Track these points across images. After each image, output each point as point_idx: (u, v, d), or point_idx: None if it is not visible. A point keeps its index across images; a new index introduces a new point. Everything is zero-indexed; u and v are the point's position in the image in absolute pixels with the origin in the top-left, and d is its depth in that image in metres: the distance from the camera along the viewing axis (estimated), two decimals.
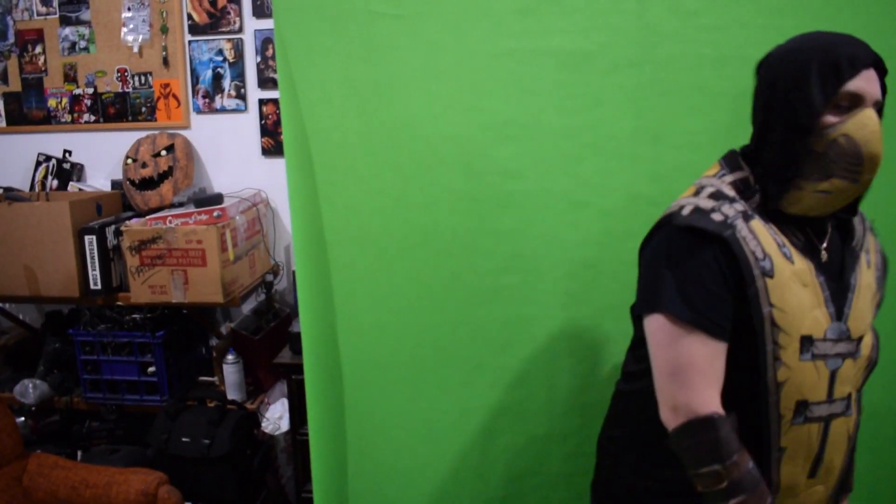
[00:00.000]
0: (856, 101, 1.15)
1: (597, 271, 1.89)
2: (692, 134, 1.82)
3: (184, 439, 2.66)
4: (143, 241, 2.69)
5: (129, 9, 3.12)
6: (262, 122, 3.12)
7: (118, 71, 3.19)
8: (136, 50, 3.15)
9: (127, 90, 3.20)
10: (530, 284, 1.91)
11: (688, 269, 1.19)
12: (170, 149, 3.03)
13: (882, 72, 1.20)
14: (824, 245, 1.25)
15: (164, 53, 3.13)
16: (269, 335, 2.95)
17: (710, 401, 1.16)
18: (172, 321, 2.98)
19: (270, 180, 3.10)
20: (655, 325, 1.22)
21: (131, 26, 3.14)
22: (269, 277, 3.08)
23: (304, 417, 2.18)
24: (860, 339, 1.25)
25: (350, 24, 1.84)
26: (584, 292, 1.91)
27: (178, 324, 3.01)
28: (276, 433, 2.87)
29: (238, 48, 3.08)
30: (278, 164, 2.01)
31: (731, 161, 1.30)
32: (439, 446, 2.03)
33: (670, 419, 1.19)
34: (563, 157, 1.85)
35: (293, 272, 2.02)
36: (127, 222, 2.79)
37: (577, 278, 1.90)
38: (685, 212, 1.22)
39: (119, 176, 3.16)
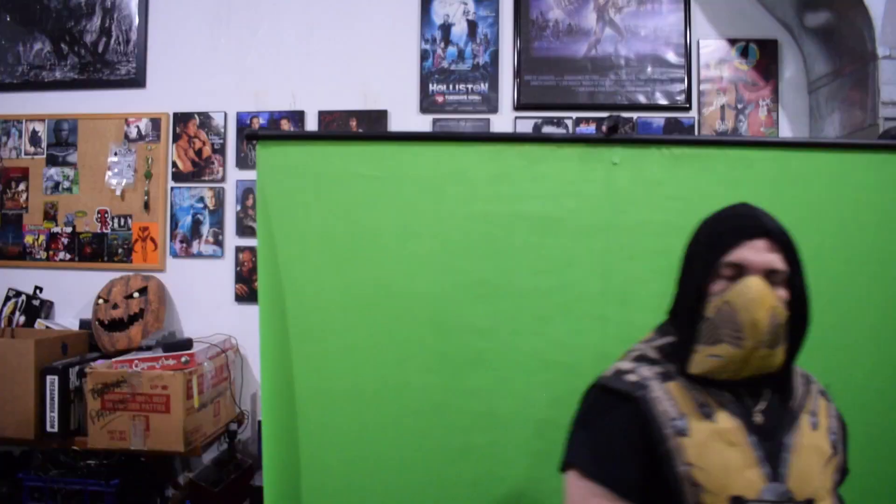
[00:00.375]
0: (739, 270, 1.20)
1: (566, 431, 1.87)
2: (658, 296, 1.85)
3: None
4: (107, 384, 2.64)
5: (115, 153, 3.22)
6: (238, 268, 3.16)
7: (98, 212, 3.24)
8: (118, 193, 3.22)
9: (106, 231, 3.24)
10: (500, 444, 1.89)
11: (598, 427, 1.24)
12: (143, 291, 3.03)
13: (781, 243, 1.23)
14: (758, 407, 1.24)
15: (145, 198, 3.20)
16: (229, 487, 2.84)
17: None
18: (128, 469, 2.85)
19: (242, 326, 3.09)
20: (569, 481, 1.24)
21: (116, 170, 3.23)
22: (234, 426, 3.00)
23: None
24: (808, 502, 1.20)
25: (330, 183, 1.91)
26: (554, 452, 1.88)
27: (135, 472, 2.89)
28: None
29: (219, 196, 3.17)
30: (251, 311, 2.03)
31: (662, 327, 1.37)
32: None
33: None
34: (534, 316, 1.88)
35: (259, 422, 1.97)
36: (92, 364, 2.74)
37: (546, 437, 1.88)
38: (607, 373, 1.28)
39: (88, 315, 3.13)
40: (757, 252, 1.21)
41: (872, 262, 1.96)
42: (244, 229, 3.14)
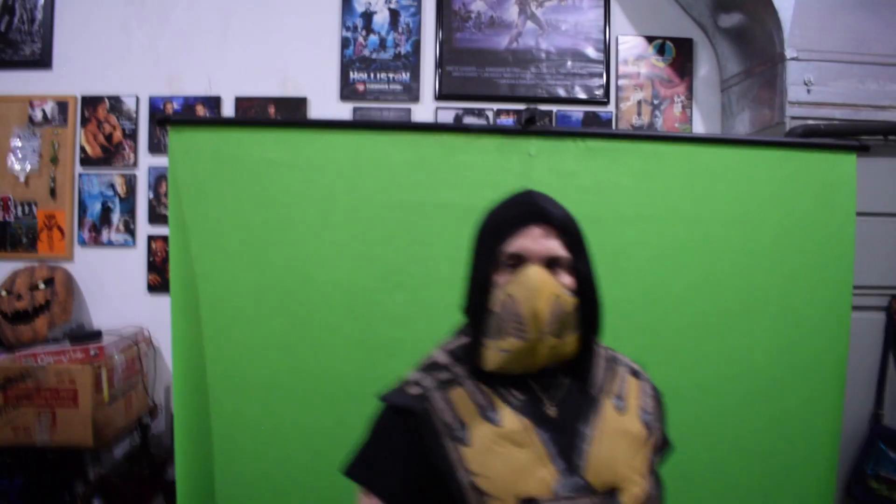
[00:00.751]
0: (518, 260, 1.17)
1: None
2: None
3: None
4: (10, 378, 2.52)
5: (19, 137, 3.07)
6: (151, 258, 3.06)
7: (0, 199, 3.08)
8: (22, 179, 3.07)
9: (8, 219, 3.08)
10: None
11: (376, 439, 1.23)
12: (49, 282, 2.91)
13: (561, 229, 1.19)
14: (552, 400, 1.21)
15: (52, 184, 3.06)
16: (140, 482, 2.76)
17: None
18: (34, 465, 2.74)
19: (155, 318, 3.00)
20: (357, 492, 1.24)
21: (20, 155, 3.07)
22: (146, 419, 2.91)
23: None
24: (612, 490, 1.16)
25: (245, 171, 1.88)
26: None
27: (40, 468, 2.77)
28: None
29: (130, 183, 3.06)
30: (164, 302, 1.97)
31: (461, 328, 1.33)
32: None
33: None
34: (450, 306, 1.86)
35: (172, 414, 1.93)
36: None
37: None
38: (393, 387, 1.26)
39: None
40: (535, 240, 1.17)
41: (774, 254, 2.05)
42: (157, 217, 3.04)
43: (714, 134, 3.19)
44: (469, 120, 3.07)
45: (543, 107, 3.12)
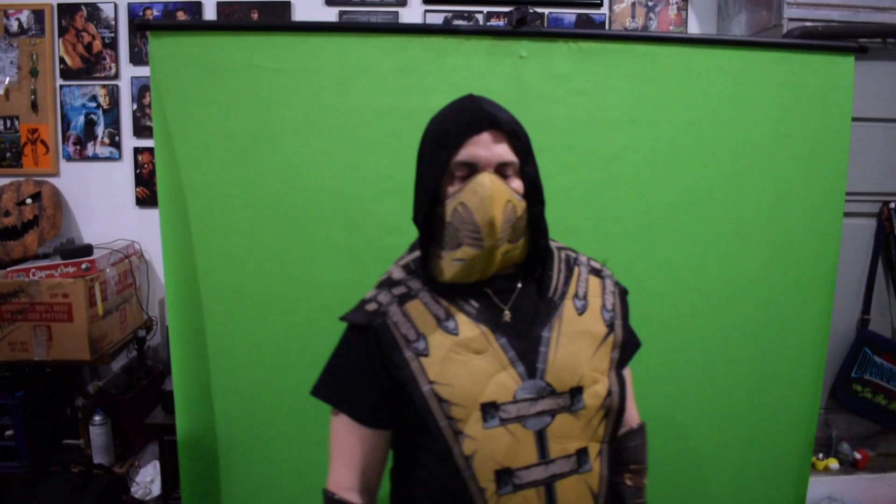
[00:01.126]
0: (471, 169, 1.16)
1: None
2: (564, 191, 1.90)
3: None
4: (3, 294, 2.53)
5: None
6: (138, 171, 3.02)
7: None
8: (1, 92, 2.99)
9: None
10: None
11: (339, 358, 1.27)
12: (36, 197, 2.87)
13: (511, 135, 1.18)
14: (510, 306, 1.23)
15: (32, 97, 2.99)
16: (139, 394, 2.81)
17: (343, 482, 1.23)
18: (33, 380, 2.78)
19: (145, 231, 2.99)
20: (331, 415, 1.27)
21: None
22: (142, 333, 2.94)
23: (177, 481, 2.08)
24: (575, 390, 1.19)
25: (230, 77, 1.82)
26: None
27: (40, 383, 2.81)
28: (147, 498, 2.71)
29: (113, 94, 2.99)
30: (153, 215, 1.96)
31: (415, 242, 1.34)
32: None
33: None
34: None
35: (167, 327, 1.94)
36: None
37: None
38: (353, 308, 1.28)
39: None
40: (485, 146, 1.16)
41: (768, 158, 2.03)
42: (142, 129, 2.99)
43: (710, 34, 3.11)
44: (458, 24, 2.98)
45: (536, 9, 3.03)
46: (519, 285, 1.25)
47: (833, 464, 2.88)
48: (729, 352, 2.08)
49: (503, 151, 1.17)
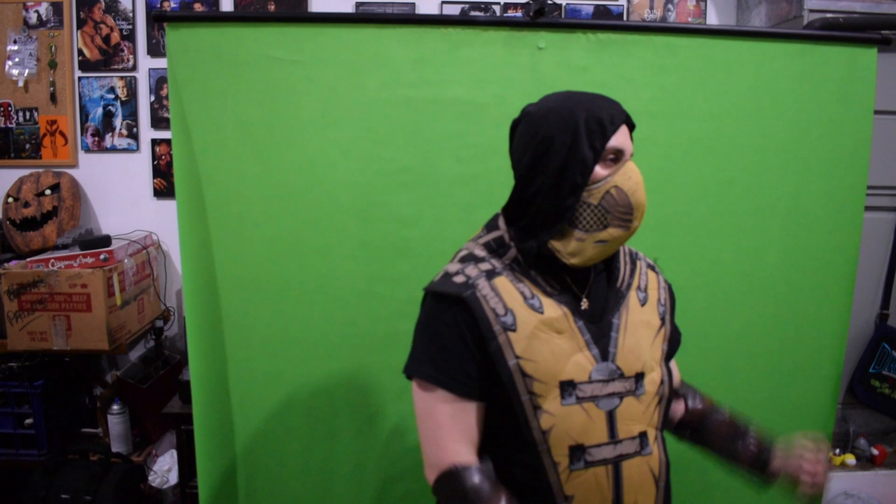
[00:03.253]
0: (619, 155, 1.22)
1: None
2: None
3: (63, 496, 2.49)
4: (23, 284, 2.55)
5: (14, 41, 2.99)
6: (155, 162, 3.04)
7: (0, 105, 3.03)
8: (20, 84, 3.02)
9: (10, 126, 3.05)
10: None
11: (432, 331, 1.25)
12: (55, 188, 2.90)
13: (631, 127, 1.27)
14: (585, 292, 1.28)
15: (51, 89, 3.01)
16: (157, 384, 2.83)
17: (454, 454, 1.22)
18: (53, 370, 2.81)
19: (162, 222, 3.01)
20: (414, 390, 1.27)
21: (17, 59, 3.01)
22: (159, 323, 2.96)
23: (193, 470, 2.09)
24: (639, 375, 1.26)
25: (247, 68, 1.82)
26: None
27: (60, 372, 2.84)
28: (164, 487, 2.73)
29: (131, 86, 3.00)
30: (171, 206, 1.97)
31: (490, 222, 1.34)
32: (335, 496, 1.99)
33: (429, 476, 1.26)
34: (458, 204, 1.88)
35: (185, 318, 1.95)
36: (5, 265, 2.63)
37: None
38: (436, 279, 1.28)
39: None
40: (626, 136, 1.24)
41: (788, 151, 2.01)
42: (160, 121, 3.00)
43: (729, 25, 3.08)
44: (475, 15, 2.97)
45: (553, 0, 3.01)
46: (593, 274, 1.30)
47: (850, 459, 2.85)
48: (747, 346, 2.07)
49: (631, 144, 1.25)
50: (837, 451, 2.88)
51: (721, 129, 1.97)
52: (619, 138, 1.21)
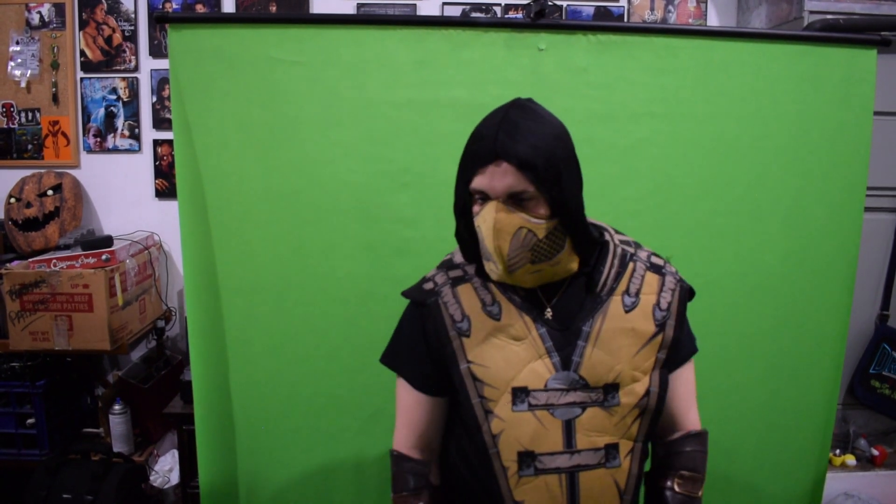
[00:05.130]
0: (485, 196, 1.17)
1: None
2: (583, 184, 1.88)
3: (65, 496, 2.50)
4: (25, 284, 2.55)
5: (17, 42, 3.00)
6: (157, 163, 3.04)
7: (3, 106, 3.05)
8: (23, 85, 3.03)
9: (12, 126, 3.06)
10: None
11: (403, 329, 1.38)
12: (57, 188, 2.91)
13: (524, 159, 1.14)
14: (553, 301, 1.26)
15: (53, 90, 3.02)
16: (158, 384, 2.84)
17: (401, 440, 1.36)
18: (55, 370, 2.81)
19: (164, 223, 3.01)
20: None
21: (19, 60, 3.02)
22: (161, 323, 2.97)
23: (195, 470, 2.09)
24: (609, 386, 1.21)
25: (248, 69, 1.83)
26: None
27: (61, 372, 2.85)
28: (166, 487, 2.74)
29: (133, 87, 3.01)
30: (172, 207, 1.98)
31: None
32: (336, 496, 1.99)
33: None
34: None
35: (186, 318, 1.96)
36: (8, 265, 2.64)
37: None
38: (414, 284, 1.37)
39: (0, 215, 2.99)
40: (494, 177, 1.15)
41: (788, 152, 2.02)
42: (161, 122, 3.01)
43: (729, 27, 3.09)
44: (476, 16, 2.98)
45: (554, 1, 3.01)
46: (567, 280, 1.28)
47: (850, 460, 2.86)
48: (747, 347, 2.07)
49: (513, 182, 1.15)
50: (838, 451, 2.88)
51: (721, 130, 1.98)
52: (479, 180, 1.17)
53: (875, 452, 2.86)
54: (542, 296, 1.26)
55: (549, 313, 1.25)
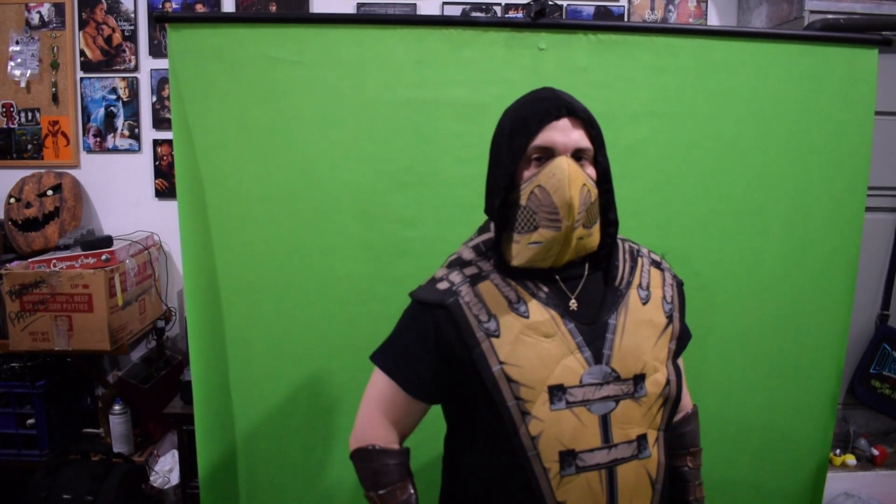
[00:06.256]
0: (548, 153, 1.19)
1: None
2: None
3: (65, 496, 2.50)
4: (25, 285, 2.55)
5: (16, 42, 3.00)
6: (157, 163, 3.04)
7: (3, 106, 3.04)
8: (23, 85, 3.02)
9: (12, 126, 3.05)
10: None
11: (403, 332, 1.32)
12: (57, 188, 2.90)
13: (585, 120, 1.22)
14: (576, 293, 1.26)
15: (53, 90, 3.02)
16: (159, 384, 2.84)
17: (378, 435, 1.32)
18: (54, 370, 2.81)
19: (164, 223, 3.01)
20: (374, 372, 1.35)
21: (19, 60, 3.02)
22: (161, 323, 2.97)
23: (194, 470, 2.09)
24: (638, 377, 1.23)
25: (248, 69, 1.83)
26: None
27: (61, 372, 2.85)
28: (166, 487, 2.74)
29: (133, 87, 3.01)
30: (172, 207, 1.98)
31: (483, 225, 1.37)
32: (335, 496, 1.99)
33: (351, 444, 1.35)
34: (458, 205, 1.88)
35: (186, 318, 1.96)
36: (7, 265, 2.64)
37: None
38: (423, 284, 1.32)
39: (0, 216, 2.99)
40: (562, 132, 1.19)
41: (789, 152, 2.02)
42: (161, 122, 3.01)
43: (730, 26, 3.08)
44: (476, 16, 2.98)
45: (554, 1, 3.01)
46: (586, 273, 1.28)
47: (850, 460, 2.86)
48: (748, 346, 2.07)
49: (579, 137, 1.20)
50: (838, 451, 2.88)
51: (721, 129, 1.98)
52: (546, 136, 1.19)
53: (875, 452, 2.86)
54: (565, 287, 1.26)
55: (574, 305, 1.24)
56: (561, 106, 1.20)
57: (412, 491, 1.31)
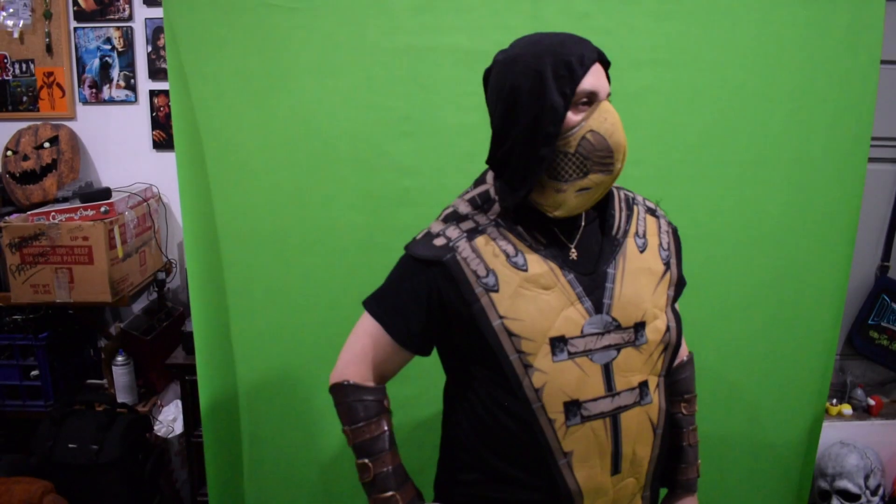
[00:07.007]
0: (593, 98, 1.16)
1: None
2: None
3: (70, 445, 2.53)
4: (25, 237, 2.55)
5: None
6: (154, 114, 3.01)
7: None
8: (16, 35, 2.97)
9: (7, 78, 3.01)
10: None
11: (396, 284, 1.32)
12: (54, 140, 2.88)
13: (606, 64, 1.21)
14: (574, 243, 1.26)
15: (47, 40, 2.97)
16: (160, 335, 2.85)
17: (358, 373, 1.33)
18: (57, 322, 2.83)
19: (162, 174, 2.99)
20: (362, 316, 1.35)
21: (11, 10, 2.96)
22: (161, 275, 2.97)
23: (198, 419, 2.12)
24: (638, 325, 1.23)
25: (244, 16, 1.80)
26: None
27: (64, 325, 2.86)
28: (170, 436, 2.77)
29: (128, 37, 2.96)
30: (170, 158, 1.95)
31: (479, 177, 1.34)
32: (336, 446, 2.02)
33: (331, 379, 1.37)
34: (459, 153, 1.86)
35: (186, 269, 1.96)
36: (6, 218, 2.63)
37: None
38: (418, 237, 1.31)
39: None
40: (599, 77, 1.17)
41: (793, 100, 1.99)
42: (157, 72, 2.96)
43: None
44: None
45: None
46: (583, 223, 1.28)
47: (846, 409, 2.89)
48: (746, 295, 2.07)
49: (607, 83, 1.20)
50: (834, 401, 2.91)
51: (725, 77, 1.95)
52: (591, 80, 1.15)
53: (871, 402, 2.89)
54: (563, 238, 1.25)
55: (573, 254, 1.24)
56: (594, 49, 1.18)
57: (385, 428, 1.31)
